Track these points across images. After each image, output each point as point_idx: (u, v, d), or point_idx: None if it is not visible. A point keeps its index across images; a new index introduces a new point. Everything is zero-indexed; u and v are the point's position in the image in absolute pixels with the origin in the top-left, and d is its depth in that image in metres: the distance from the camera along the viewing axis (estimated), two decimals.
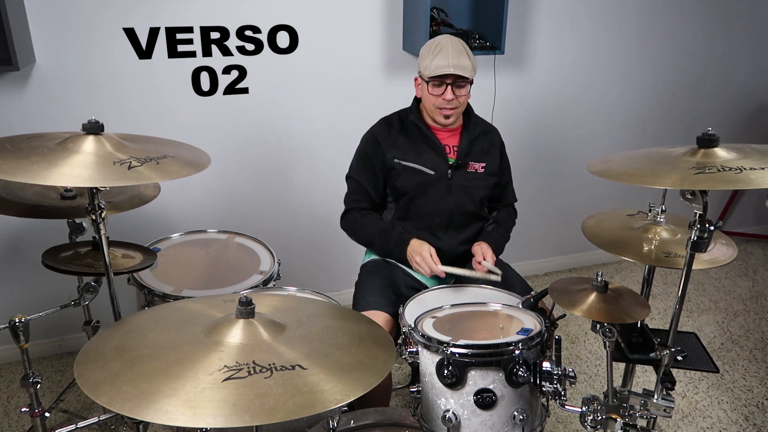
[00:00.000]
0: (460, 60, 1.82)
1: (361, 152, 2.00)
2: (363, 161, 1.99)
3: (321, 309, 1.39)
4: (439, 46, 1.84)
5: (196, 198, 2.65)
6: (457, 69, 1.80)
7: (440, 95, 1.85)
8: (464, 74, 1.82)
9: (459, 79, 1.83)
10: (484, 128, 2.03)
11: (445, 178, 1.94)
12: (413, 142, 1.95)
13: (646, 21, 3.13)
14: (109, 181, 1.28)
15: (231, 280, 1.88)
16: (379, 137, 1.96)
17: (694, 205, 1.33)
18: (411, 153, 1.94)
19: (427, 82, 1.86)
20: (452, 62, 1.80)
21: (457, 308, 1.60)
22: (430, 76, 1.84)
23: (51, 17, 2.23)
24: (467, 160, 1.96)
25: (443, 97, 1.84)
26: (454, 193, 1.95)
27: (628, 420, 1.50)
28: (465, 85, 1.86)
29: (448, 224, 1.98)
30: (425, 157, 1.93)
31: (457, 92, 1.85)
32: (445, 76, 1.82)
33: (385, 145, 1.95)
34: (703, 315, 3.05)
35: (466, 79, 1.85)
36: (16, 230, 2.46)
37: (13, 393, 2.42)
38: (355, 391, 1.01)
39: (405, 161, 1.93)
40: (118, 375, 1.02)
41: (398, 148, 1.94)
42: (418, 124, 1.94)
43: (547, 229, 3.39)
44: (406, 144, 1.95)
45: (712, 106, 3.48)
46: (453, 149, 1.96)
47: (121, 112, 2.41)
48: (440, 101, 1.86)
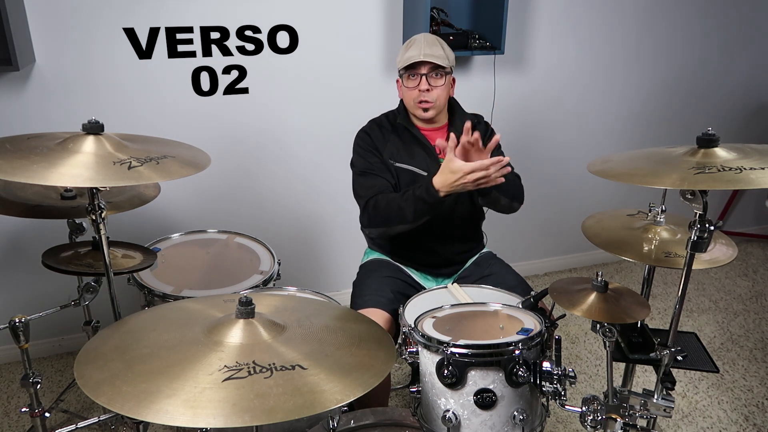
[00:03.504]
0: (433, 50, 1.82)
1: (359, 147, 1.97)
2: (365, 151, 1.94)
3: (321, 309, 1.39)
4: (412, 41, 1.86)
5: (196, 198, 2.65)
6: (427, 57, 1.80)
7: (415, 87, 1.84)
8: (436, 61, 1.81)
9: (434, 70, 1.82)
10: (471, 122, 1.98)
11: None
12: (404, 144, 1.94)
13: (645, 21, 3.13)
14: (109, 181, 1.28)
15: (231, 280, 1.88)
16: (372, 136, 1.95)
17: (694, 205, 1.33)
18: (403, 154, 1.93)
19: (402, 75, 1.87)
20: (423, 51, 1.81)
21: (457, 308, 1.60)
22: (403, 68, 1.85)
23: (51, 17, 2.23)
24: None
25: (418, 88, 1.84)
26: None
27: (628, 420, 1.49)
28: (442, 76, 1.85)
29: (443, 223, 1.97)
30: (417, 159, 1.92)
31: (432, 82, 1.83)
32: (418, 66, 1.82)
33: (379, 144, 1.94)
34: (703, 315, 3.05)
35: (442, 70, 1.84)
36: (16, 230, 2.46)
37: (13, 393, 2.42)
38: (355, 391, 1.01)
39: (398, 162, 1.92)
40: (118, 375, 1.02)
41: (391, 148, 1.93)
42: (407, 126, 1.93)
43: (547, 229, 3.39)
44: (398, 145, 1.94)
45: (712, 105, 3.48)
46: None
47: (121, 112, 2.41)
48: (416, 93, 1.85)
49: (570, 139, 3.24)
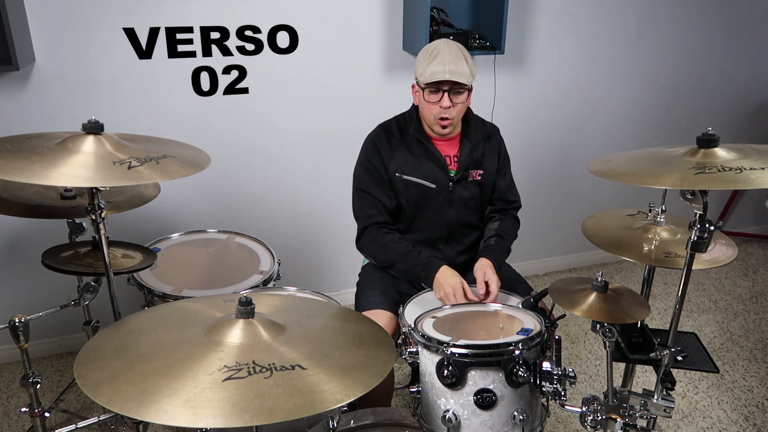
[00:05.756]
0: (458, 66, 1.72)
1: (364, 161, 1.90)
2: (369, 170, 1.88)
3: (321, 309, 1.39)
4: (436, 51, 1.75)
5: (196, 198, 2.65)
6: (453, 75, 1.71)
7: (437, 102, 1.76)
8: (461, 80, 1.72)
9: (456, 85, 1.74)
10: (485, 133, 1.94)
11: (446, 191, 1.88)
12: (414, 155, 1.87)
13: (645, 21, 3.13)
14: (109, 181, 1.28)
15: (231, 280, 1.88)
16: (379, 146, 1.88)
17: (694, 205, 1.33)
18: (412, 166, 1.86)
19: (423, 89, 1.78)
20: (449, 68, 1.71)
21: (457, 308, 1.60)
22: (425, 83, 1.75)
23: (51, 17, 2.23)
24: (468, 170, 1.89)
25: (440, 105, 1.75)
26: (454, 205, 1.90)
27: (628, 420, 1.50)
28: (463, 92, 1.77)
29: (448, 236, 1.95)
30: (426, 170, 1.86)
31: (454, 99, 1.76)
32: (442, 83, 1.73)
33: (386, 156, 1.87)
34: (703, 315, 3.05)
35: (464, 86, 1.76)
36: (16, 230, 2.46)
37: (13, 393, 2.42)
38: (355, 391, 1.01)
39: (406, 175, 1.86)
40: (118, 375, 1.02)
41: (399, 160, 1.86)
42: (418, 137, 1.86)
43: (547, 229, 3.39)
44: (406, 156, 1.87)
45: (712, 106, 3.48)
46: (453, 159, 1.89)
47: (120, 112, 2.41)
48: (437, 109, 1.77)
49: (570, 139, 3.24)
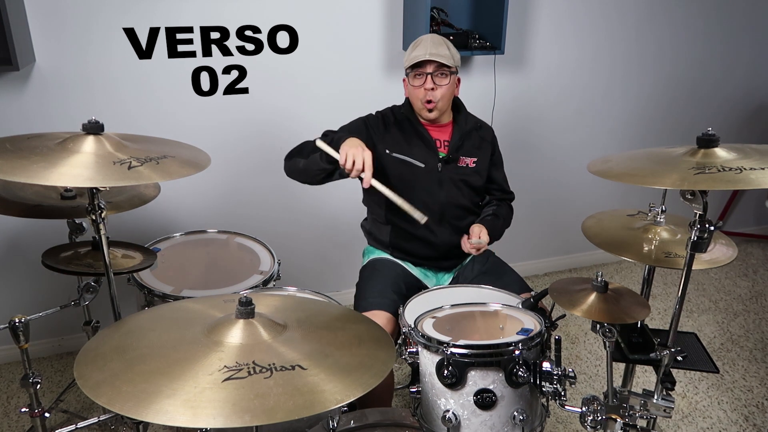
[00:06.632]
0: (438, 49, 1.86)
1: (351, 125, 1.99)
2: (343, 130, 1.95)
3: (321, 309, 1.39)
4: (419, 41, 1.91)
5: (196, 198, 2.65)
6: (433, 56, 1.84)
7: (421, 85, 1.88)
8: (441, 60, 1.85)
9: (439, 69, 1.86)
10: (476, 124, 2.05)
11: (435, 171, 1.95)
12: (405, 135, 1.97)
13: (646, 21, 3.13)
14: (109, 181, 1.28)
15: (231, 280, 1.87)
16: (369, 125, 1.98)
17: (694, 205, 1.33)
18: (402, 145, 1.96)
19: (408, 74, 1.92)
20: (429, 51, 1.85)
21: (457, 308, 1.60)
22: (409, 66, 1.89)
23: (51, 17, 2.23)
24: (458, 154, 1.98)
25: (424, 87, 1.87)
26: (445, 187, 1.97)
27: (628, 420, 1.49)
28: (447, 75, 1.88)
29: (441, 218, 1.98)
30: (416, 150, 1.95)
31: (437, 81, 1.87)
32: (424, 65, 1.86)
33: (376, 135, 1.96)
34: (703, 315, 3.05)
35: (447, 69, 1.87)
36: (16, 230, 2.46)
37: (13, 393, 2.42)
38: (355, 391, 1.01)
39: (396, 153, 1.95)
40: (118, 375, 1.02)
41: (389, 140, 1.96)
42: (410, 118, 1.97)
43: (547, 229, 3.39)
44: (398, 136, 1.97)
45: (712, 106, 3.48)
46: (444, 144, 1.99)
47: (120, 112, 2.41)
48: (422, 92, 1.88)
49: (570, 139, 3.24)
